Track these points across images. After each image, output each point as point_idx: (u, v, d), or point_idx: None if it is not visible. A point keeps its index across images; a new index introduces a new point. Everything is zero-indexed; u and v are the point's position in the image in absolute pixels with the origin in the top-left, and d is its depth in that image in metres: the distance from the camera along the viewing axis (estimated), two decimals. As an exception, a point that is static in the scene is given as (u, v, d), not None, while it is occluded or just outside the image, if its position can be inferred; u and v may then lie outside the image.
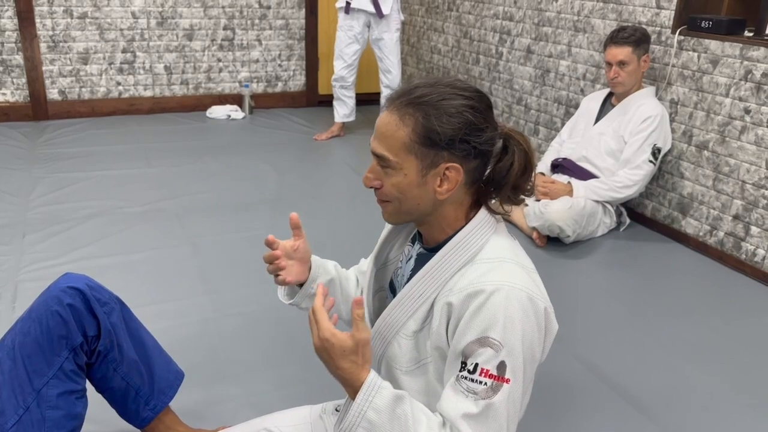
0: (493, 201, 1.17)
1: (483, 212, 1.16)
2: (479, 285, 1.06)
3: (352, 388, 1.03)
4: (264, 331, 2.17)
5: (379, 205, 1.18)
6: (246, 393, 1.88)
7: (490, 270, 1.08)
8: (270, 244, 1.28)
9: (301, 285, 1.38)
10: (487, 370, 1.03)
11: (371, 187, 1.15)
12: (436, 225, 1.16)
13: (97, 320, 1.37)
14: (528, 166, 1.14)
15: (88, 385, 1.42)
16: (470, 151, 1.09)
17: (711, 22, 2.82)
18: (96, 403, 1.47)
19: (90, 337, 1.36)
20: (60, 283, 1.37)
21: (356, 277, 1.47)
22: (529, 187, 1.18)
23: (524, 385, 1.07)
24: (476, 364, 1.04)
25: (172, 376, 1.55)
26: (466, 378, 1.04)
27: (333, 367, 1.03)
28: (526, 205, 3.08)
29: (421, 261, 1.19)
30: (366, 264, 1.45)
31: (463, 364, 1.05)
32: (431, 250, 1.18)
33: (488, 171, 1.15)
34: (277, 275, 1.31)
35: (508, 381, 1.03)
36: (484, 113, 1.10)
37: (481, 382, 1.03)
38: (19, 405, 1.28)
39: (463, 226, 1.14)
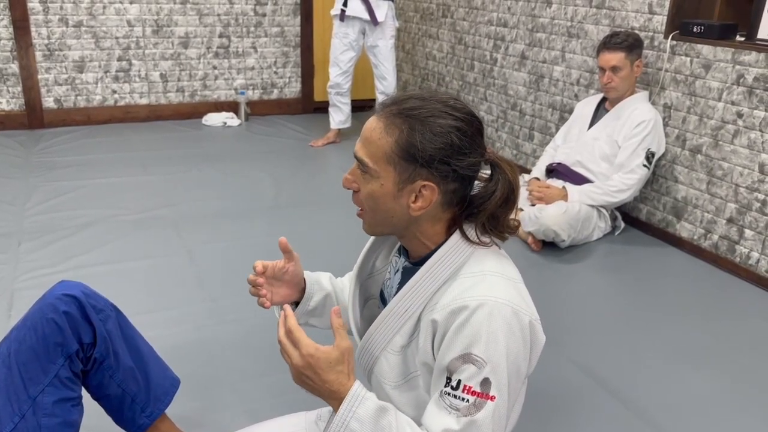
0: (470, 228, 1.12)
1: (469, 232, 1.13)
2: (462, 301, 1.04)
3: (338, 400, 1.02)
4: (260, 338, 2.17)
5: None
6: (242, 400, 1.88)
7: (473, 285, 1.06)
8: (258, 274, 1.30)
9: (296, 303, 1.39)
10: (470, 387, 1.02)
11: (349, 189, 1.14)
12: (415, 239, 1.15)
13: (92, 327, 1.37)
14: (510, 197, 1.10)
15: (84, 393, 1.42)
16: (449, 174, 1.06)
17: (703, 27, 2.84)
18: (92, 410, 1.46)
19: (86, 345, 1.36)
20: (55, 290, 1.37)
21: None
22: (511, 224, 1.14)
23: (510, 400, 1.06)
24: (459, 381, 1.02)
25: (168, 382, 1.55)
26: (449, 394, 1.03)
27: (319, 382, 1.02)
28: (521, 209, 3.09)
29: (406, 275, 1.17)
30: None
31: (448, 380, 1.04)
32: (416, 263, 1.16)
33: (470, 194, 1.12)
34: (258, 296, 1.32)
35: (493, 398, 1.02)
36: (471, 138, 1.07)
37: (463, 399, 1.02)
38: (14, 413, 1.28)
39: (445, 240, 1.12)
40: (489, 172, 1.12)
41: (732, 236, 2.80)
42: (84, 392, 1.42)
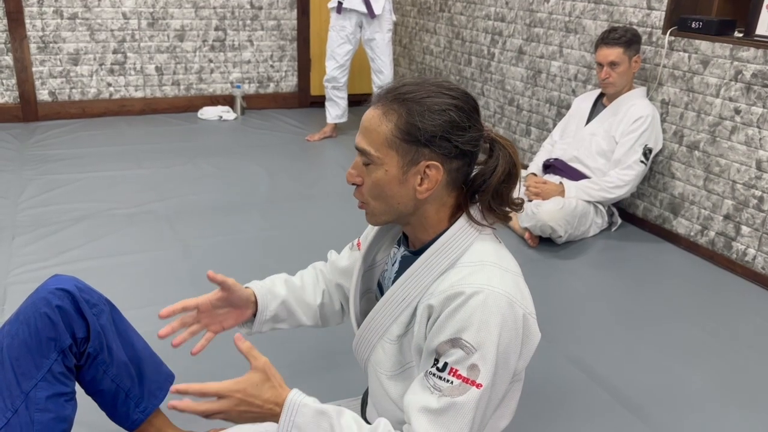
0: (475, 210, 1.14)
1: (475, 213, 1.14)
2: (459, 287, 1.04)
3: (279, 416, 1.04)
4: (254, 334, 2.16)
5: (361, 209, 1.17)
6: (237, 395, 1.87)
7: (471, 273, 1.07)
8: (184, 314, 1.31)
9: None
10: (457, 370, 1.02)
11: (353, 184, 1.14)
12: (419, 226, 1.15)
13: (86, 322, 1.36)
14: (512, 172, 1.12)
15: (78, 388, 1.41)
16: (452, 150, 1.07)
17: (701, 23, 2.83)
18: (85, 405, 1.45)
19: (79, 339, 1.35)
20: (48, 284, 1.35)
21: (316, 277, 1.45)
22: (515, 201, 1.15)
23: (496, 391, 1.05)
24: (446, 363, 1.02)
25: (162, 378, 1.54)
26: (434, 375, 1.03)
27: (258, 408, 1.02)
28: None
29: (405, 264, 1.18)
30: (334, 255, 1.45)
31: (435, 361, 1.04)
32: (415, 252, 1.17)
33: (472, 174, 1.13)
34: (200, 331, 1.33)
35: (479, 386, 1.01)
36: (469, 114, 1.09)
37: (448, 381, 1.02)
38: (7, 408, 1.27)
39: (447, 229, 1.13)
40: (488, 153, 1.13)
41: (729, 233, 2.80)
42: (78, 387, 1.41)
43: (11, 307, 2.20)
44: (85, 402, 1.45)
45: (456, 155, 1.08)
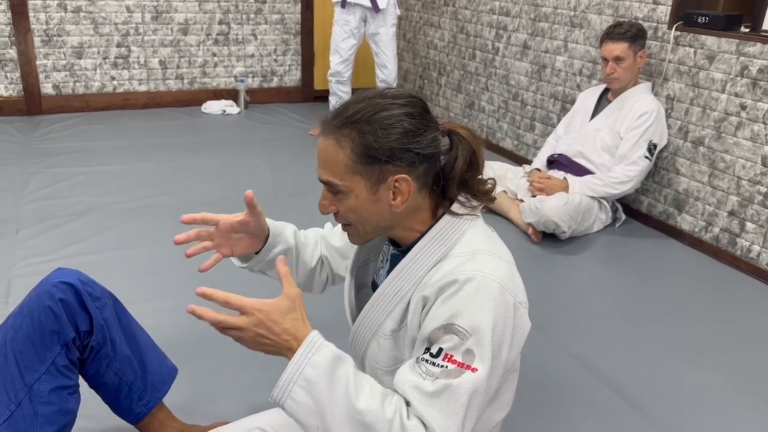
0: (456, 204, 1.14)
1: (455, 207, 1.14)
2: (452, 275, 1.04)
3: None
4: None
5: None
6: (240, 391, 1.87)
7: (464, 262, 1.07)
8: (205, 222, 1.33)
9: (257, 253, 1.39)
10: (452, 356, 1.00)
11: (327, 213, 1.14)
12: (403, 232, 1.15)
13: (89, 315, 1.36)
14: (474, 160, 1.12)
15: (81, 381, 1.41)
16: (414, 158, 1.07)
17: (707, 18, 2.81)
18: (89, 398, 1.46)
19: (82, 333, 1.35)
20: (52, 278, 1.36)
21: (316, 241, 1.46)
22: (482, 188, 1.14)
23: (490, 381, 1.03)
24: (440, 349, 1.01)
25: (165, 371, 1.55)
26: (426, 361, 1.01)
27: (276, 336, 0.97)
28: (522, 200, 3.08)
29: (395, 261, 1.18)
30: (329, 228, 1.47)
31: (427, 349, 1.03)
32: (403, 251, 1.17)
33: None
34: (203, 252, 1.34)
35: (474, 370, 0.99)
36: (421, 117, 1.08)
37: (441, 366, 1.00)
38: (11, 401, 1.27)
39: (432, 225, 1.13)
40: (449, 145, 1.13)
41: (733, 229, 2.79)
42: (81, 381, 1.42)
43: (15, 300, 2.20)
44: (88, 395, 1.45)
45: (420, 161, 1.08)
